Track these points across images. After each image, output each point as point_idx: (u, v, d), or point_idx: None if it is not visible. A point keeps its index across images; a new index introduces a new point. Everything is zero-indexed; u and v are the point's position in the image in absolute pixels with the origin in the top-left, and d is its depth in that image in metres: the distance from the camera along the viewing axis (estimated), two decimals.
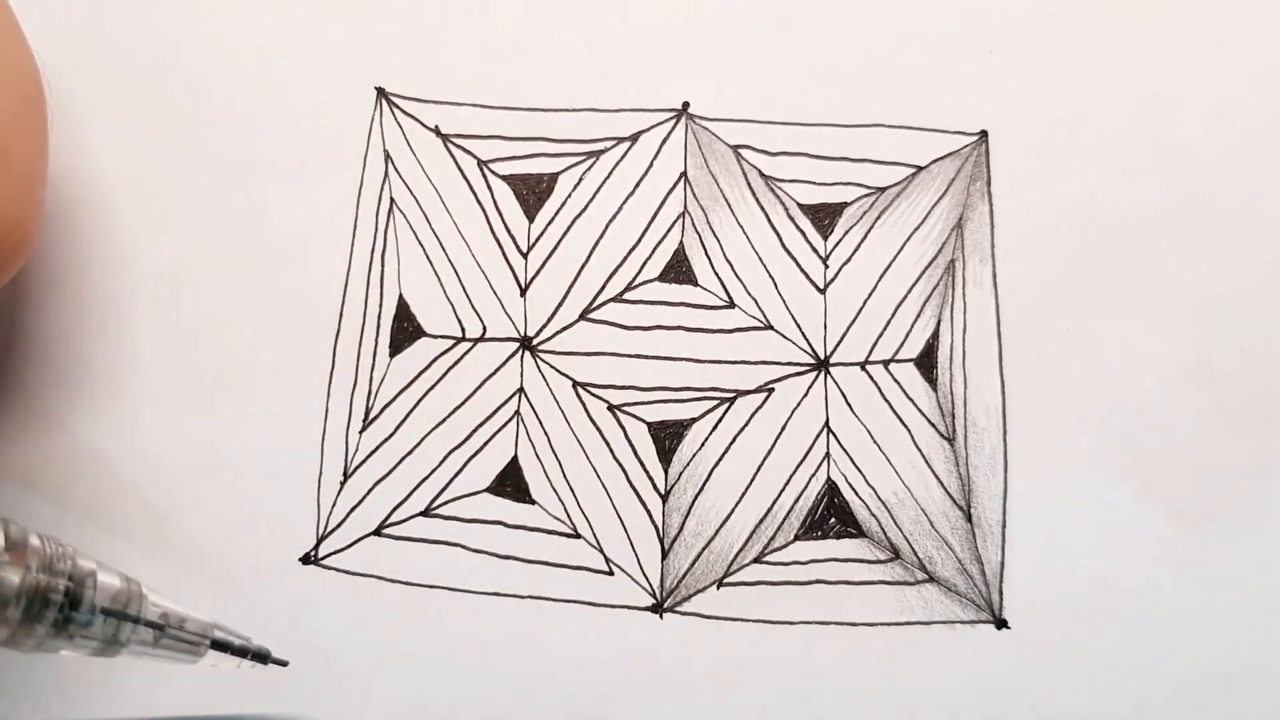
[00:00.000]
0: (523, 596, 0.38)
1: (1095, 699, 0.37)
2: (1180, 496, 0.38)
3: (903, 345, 0.40)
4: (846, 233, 0.40)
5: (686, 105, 0.41)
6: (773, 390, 0.39)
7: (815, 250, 0.40)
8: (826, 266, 0.40)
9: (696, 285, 0.40)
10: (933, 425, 0.39)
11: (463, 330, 0.40)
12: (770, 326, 0.40)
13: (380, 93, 0.42)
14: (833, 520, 0.39)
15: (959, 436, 0.39)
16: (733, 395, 0.39)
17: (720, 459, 0.39)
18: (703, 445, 0.39)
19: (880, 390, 0.39)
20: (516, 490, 0.39)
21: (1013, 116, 0.41)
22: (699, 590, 0.38)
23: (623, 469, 0.39)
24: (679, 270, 0.40)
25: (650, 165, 0.41)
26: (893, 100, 0.41)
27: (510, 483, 0.39)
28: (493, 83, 0.41)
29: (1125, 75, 0.41)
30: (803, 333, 0.40)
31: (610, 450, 0.39)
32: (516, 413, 0.39)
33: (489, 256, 0.41)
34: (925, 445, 0.39)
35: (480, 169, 0.41)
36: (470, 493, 0.39)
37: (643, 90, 0.41)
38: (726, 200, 0.41)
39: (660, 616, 0.38)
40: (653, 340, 0.40)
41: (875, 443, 0.39)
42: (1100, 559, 0.38)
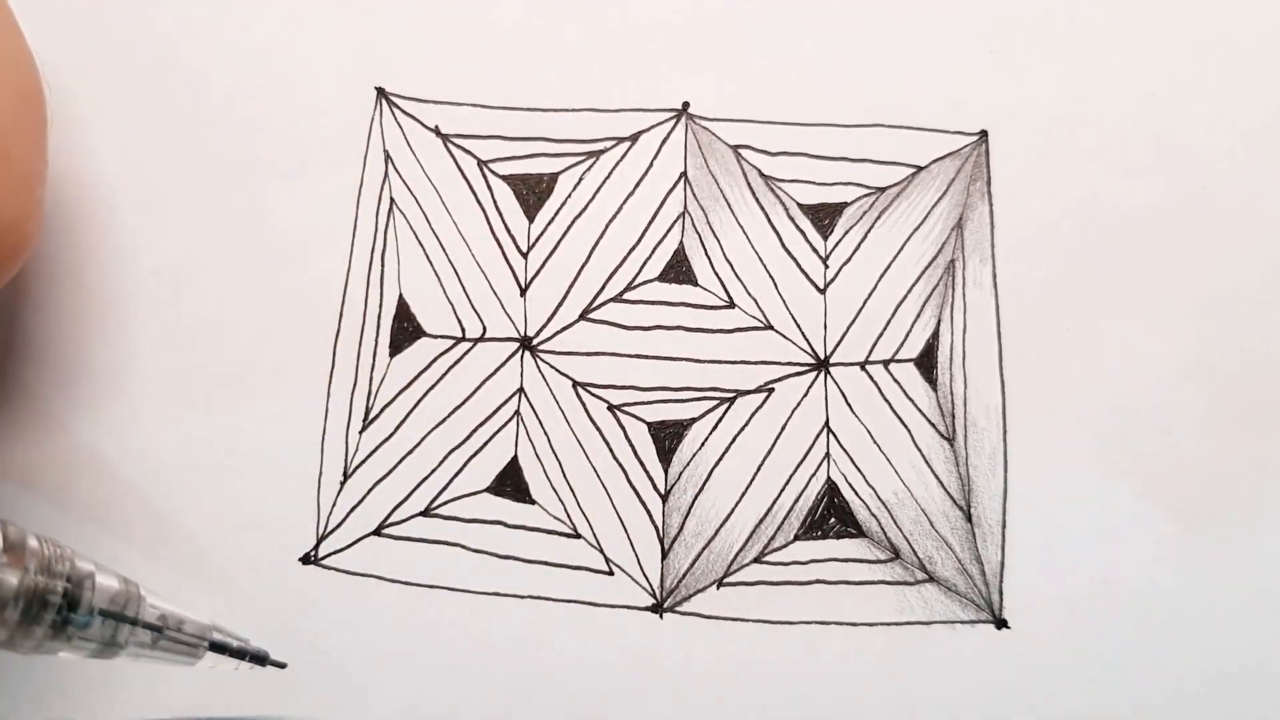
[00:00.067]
0: (523, 596, 0.38)
1: (1095, 699, 0.37)
2: (1180, 496, 0.38)
3: (903, 345, 0.40)
4: (846, 233, 0.40)
5: (686, 105, 0.41)
6: (773, 390, 0.39)
7: (815, 250, 0.40)
8: (826, 266, 0.40)
9: (696, 285, 0.40)
10: (933, 425, 0.39)
11: (463, 330, 0.40)
12: (770, 326, 0.40)
13: (380, 93, 0.42)
14: (833, 520, 0.39)
15: (959, 436, 0.39)
16: (733, 395, 0.39)
17: (720, 459, 0.39)
18: (703, 445, 0.39)
19: (880, 390, 0.39)
20: (516, 490, 0.39)
21: (1013, 116, 0.41)
22: (699, 590, 0.38)
23: (623, 469, 0.39)
24: (679, 270, 0.40)
25: (650, 165, 0.41)
26: (893, 100, 0.41)
27: (510, 483, 0.39)
28: (493, 83, 0.41)
29: (1125, 75, 0.41)
30: (803, 333, 0.40)
31: (610, 450, 0.39)
32: (516, 413, 0.39)
33: (489, 256, 0.41)
34: (925, 445, 0.39)
35: (480, 169, 0.41)
36: (470, 493, 0.39)
37: (643, 90, 0.41)
38: (726, 200, 0.41)
39: (660, 616, 0.38)
40: (653, 340, 0.40)
41: (875, 443, 0.39)
42: (1100, 559, 0.38)
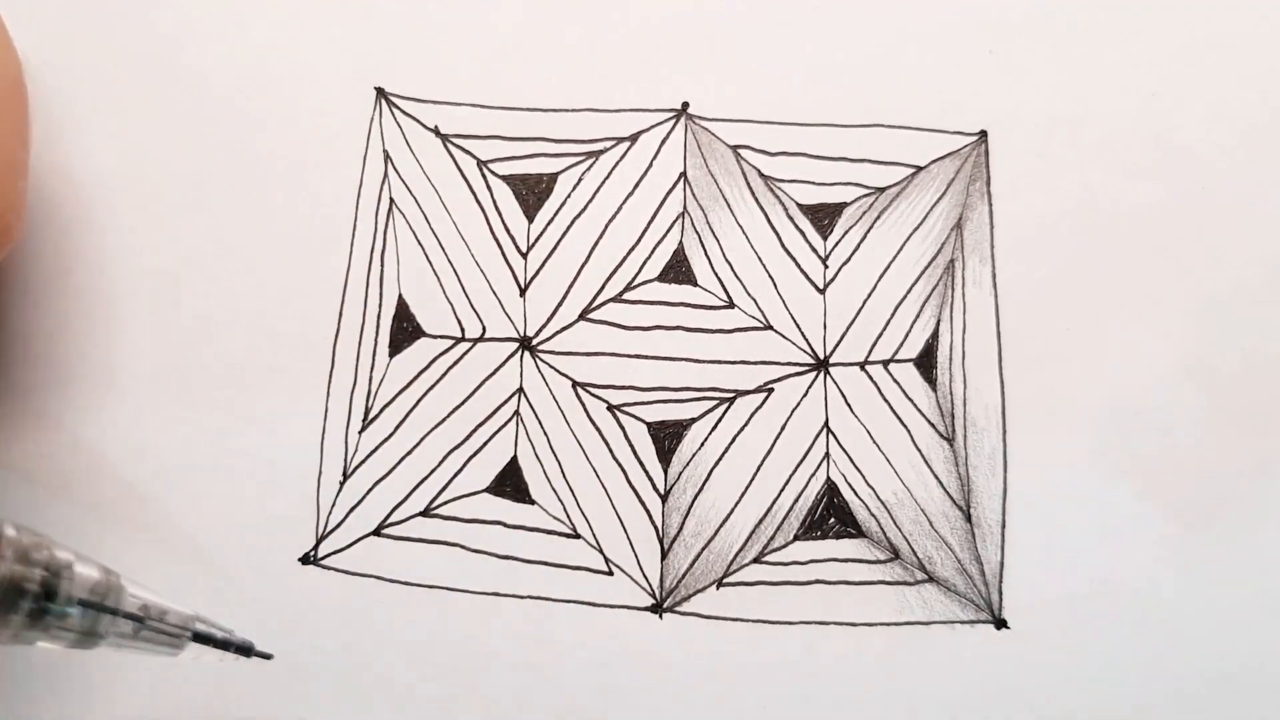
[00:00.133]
0: (522, 596, 0.38)
1: (1095, 699, 0.37)
2: (1180, 496, 0.38)
3: (902, 345, 0.40)
4: (846, 233, 0.40)
5: (686, 105, 0.41)
6: (772, 390, 0.39)
7: (815, 250, 0.40)
8: (826, 266, 0.40)
9: (696, 285, 0.40)
10: (932, 425, 0.39)
11: (462, 330, 0.40)
12: (770, 326, 0.40)
13: (380, 93, 0.42)
14: (832, 520, 0.38)
15: (959, 436, 0.39)
16: (732, 395, 0.39)
17: (720, 459, 0.39)
18: (702, 445, 0.39)
19: (880, 390, 0.39)
20: (516, 490, 0.39)
21: (1012, 116, 0.41)
22: (698, 590, 0.38)
23: (622, 469, 0.39)
24: (679, 270, 0.40)
25: (650, 165, 0.41)
26: (892, 100, 0.41)
27: (510, 483, 0.39)
28: (492, 83, 0.41)
29: (1125, 75, 0.41)
30: (802, 333, 0.40)
31: (610, 450, 0.39)
32: (516, 413, 0.39)
33: (488, 256, 0.41)
34: (925, 445, 0.39)
35: (480, 169, 0.41)
36: (470, 493, 0.39)
37: (642, 90, 0.41)
38: (726, 200, 0.41)
39: (660, 616, 0.38)
40: (652, 340, 0.40)
41: (875, 443, 0.39)
42: (1100, 559, 0.38)
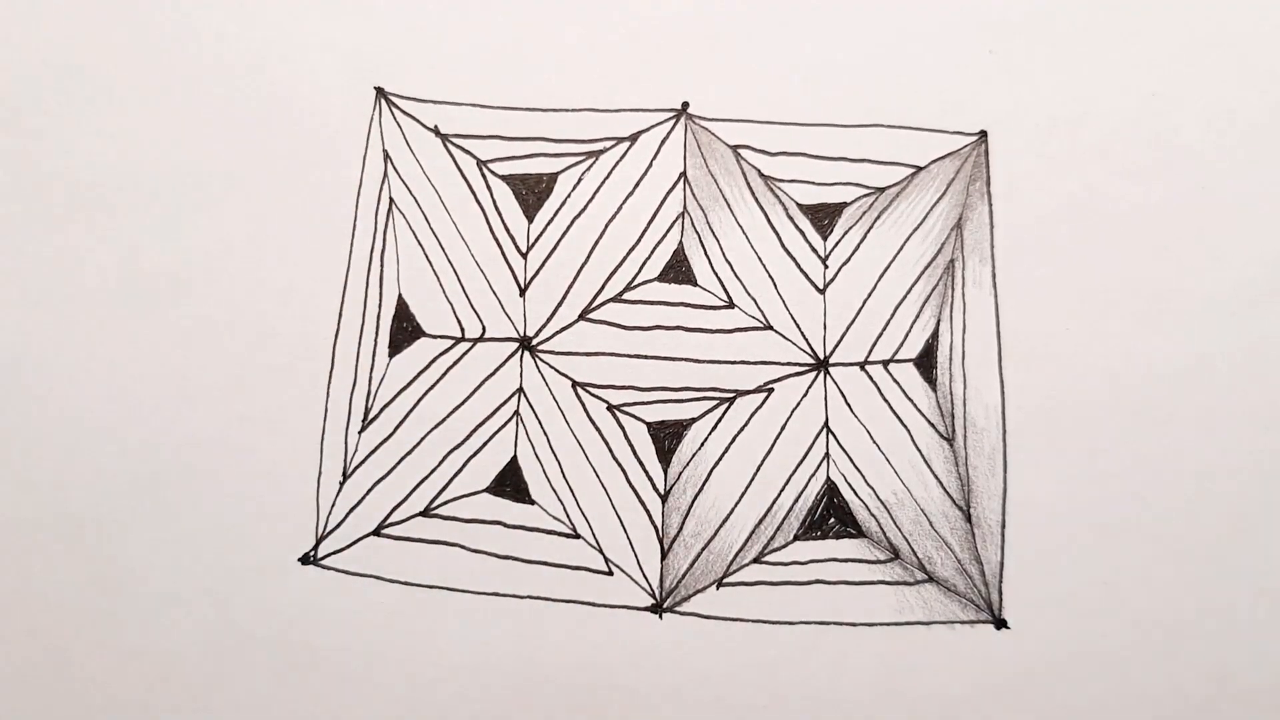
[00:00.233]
0: (523, 596, 0.38)
1: (1095, 699, 0.37)
2: (1181, 496, 0.38)
3: (902, 345, 0.40)
4: (846, 233, 0.40)
5: (686, 105, 0.41)
6: (772, 390, 0.39)
7: (815, 250, 0.40)
8: (826, 266, 0.40)
9: (696, 285, 0.40)
10: (932, 425, 0.39)
11: (462, 330, 0.40)
12: (770, 326, 0.40)
13: (380, 93, 0.42)
14: (832, 520, 0.38)
15: (958, 437, 0.39)
16: (732, 395, 0.39)
17: (720, 459, 0.39)
18: (702, 445, 0.39)
19: (880, 390, 0.39)
20: (516, 490, 0.39)
21: (1012, 116, 0.41)
22: (698, 590, 0.38)
23: (622, 469, 0.39)
24: (679, 270, 0.40)
25: (650, 165, 0.41)
26: (892, 100, 0.41)
27: (510, 483, 0.39)
28: (492, 83, 0.41)
29: (1125, 75, 0.41)
30: (802, 333, 0.40)
31: (610, 450, 0.39)
32: (516, 413, 0.39)
33: (488, 256, 0.41)
34: (925, 445, 0.39)
35: (480, 169, 0.41)
36: (470, 493, 0.39)
37: (643, 90, 0.41)
38: (726, 200, 0.41)
39: (660, 616, 0.38)
40: (652, 340, 0.40)
41: (875, 443, 0.39)
42: (1100, 559, 0.38)
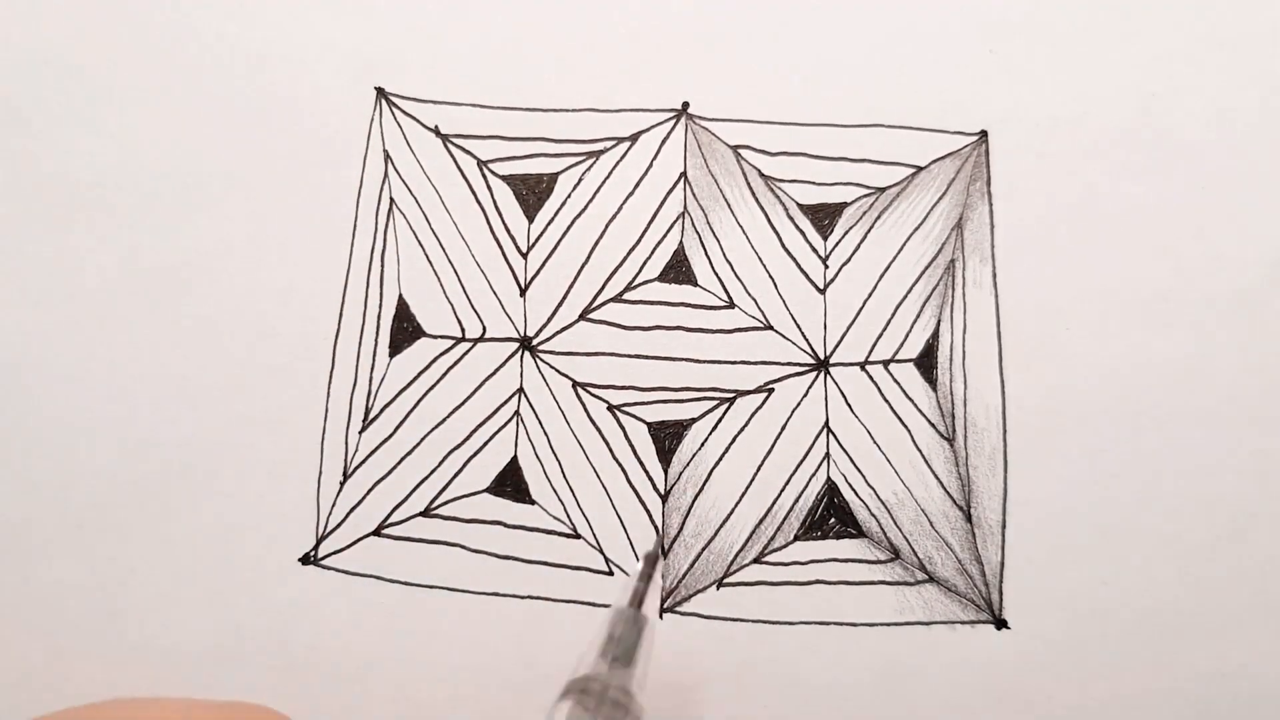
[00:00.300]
0: (523, 596, 0.38)
1: (1095, 699, 0.37)
2: (1181, 496, 0.38)
3: (902, 345, 0.40)
4: (846, 233, 0.40)
5: (686, 105, 0.41)
6: (773, 390, 0.39)
7: (815, 250, 0.40)
8: (826, 266, 0.40)
9: (696, 285, 0.40)
10: (932, 425, 0.39)
11: (462, 330, 0.40)
12: (770, 326, 0.40)
13: (380, 93, 0.41)
14: (832, 520, 0.38)
15: (959, 436, 0.39)
16: (733, 395, 0.39)
17: (720, 459, 0.39)
18: (703, 445, 0.39)
19: (880, 390, 0.39)
20: (516, 490, 0.39)
21: (1012, 116, 0.41)
22: (699, 590, 0.38)
23: (623, 469, 0.39)
24: (679, 270, 0.40)
25: (650, 165, 0.41)
26: (893, 100, 0.41)
27: (510, 483, 0.39)
28: (493, 83, 0.41)
29: (1125, 75, 0.41)
30: (803, 333, 0.40)
31: (610, 450, 0.39)
32: (516, 413, 0.39)
33: (489, 256, 0.41)
34: (925, 445, 0.39)
35: (480, 169, 0.41)
36: (470, 493, 0.39)
37: (643, 90, 0.41)
38: (726, 200, 0.41)
39: (660, 617, 0.38)
40: (653, 340, 0.40)
41: (875, 443, 0.39)
42: (1100, 559, 0.38)
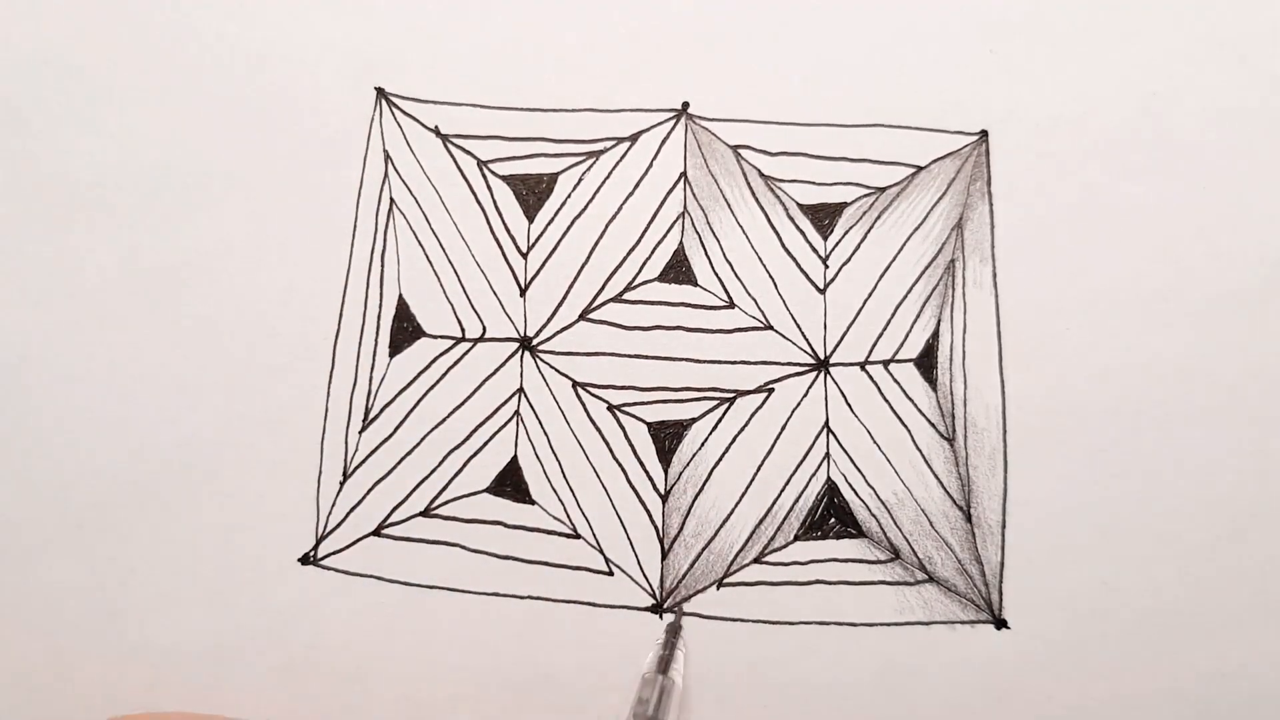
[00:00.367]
0: (523, 596, 0.38)
1: (1095, 699, 0.37)
2: (1181, 496, 0.38)
3: (903, 345, 0.40)
4: (846, 233, 0.40)
5: (686, 105, 0.41)
6: (773, 390, 0.39)
7: (815, 250, 0.40)
8: (826, 266, 0.40)
9: (696, 285, 0.40)
10: (932, 425, 0.39)
11: (462, 330, 0.40)
12: (770, 326, 0.40)
13: (380, 93, 0.41)
14: (832, 520, 0.38)
15: (959, 436, 0.39)
16: (733, 395, 0.39)
17: (720, 459, 0.39)
18: (703, 445, 0.39)
19: (880, 390, 0.39)
20: (516, 490, 0.39)
21: (1012, 116, 0.41)
22: (699, 590, 0.38)
23: (623, 469, 0.39)
24: (679, 270, 0.40)
25: (650, 165, 0.41)
26: (893, 100, 0.41)
27: (510, 483, 0.39)
28: (493, 83, 0.41)
29: (1125, 75, 0.41)
30: (803, 333, 0.40)
31: (610, 450, 0.39)
32: (516, 413, 0.39)
33: (489, 256, 0.41)
34: (925, 445, 0.39)
35: (480, 169, 0.41)
36: (470, 493, 0.39)
37: (643, 90, 0.41)
38: (726, 200, 0.41)
39: (660, 616, 0.38)
40: (653, 340, 0.40)
41: (875, 443, 0.39)
42: (1100, 559, 0.38)
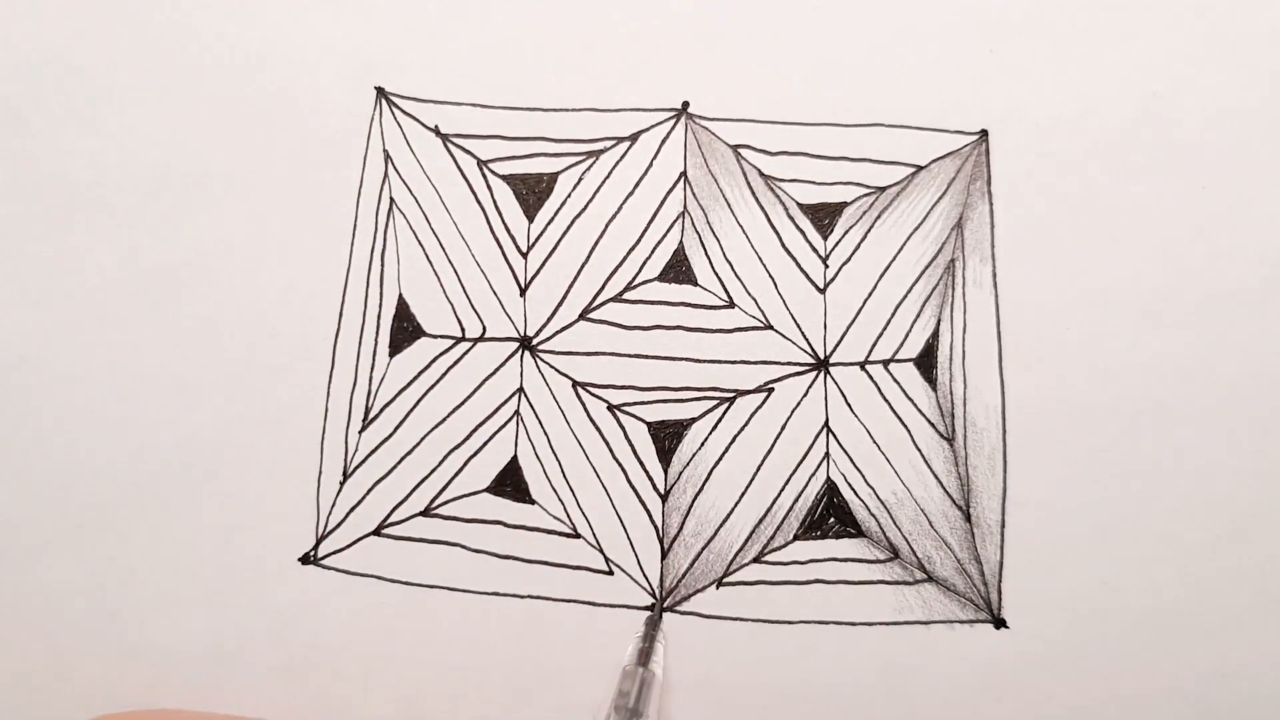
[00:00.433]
0: (523, 596, 0.38)
1: (1095, 699, 0.37)
2: (1181, 496, 0.38)
3: (902, 345, 0.40)
4: (846, 232, 0.40)
5: (686, 105, 0.41)
6: (772, 390, 0.39)
7: (815, 250, 0.40)
8: (826, 266, 0.40)
9: (696, 285, 0.40)
10: (932, 425, 0.39)
11: (462, 330, 0.40)
12: (770, 326, 0.40)
13: (380, 93, 0.42)
14: (832, 520, 0.38)
15: (958, 436, 0.39)
16: (733, 395, 0.39)
17: (720, 459, 0.39)
18: (702, 445, 0.39)
19: (880, 390, 0.39)
20: (516, 490, 0.39)
21: (1012, 116, 0.41)
22: (698, 590, 0.38)
23: (622, 469, 0.39)
24: (679, 270, 0.40)
25: (650, 165, 0.41)
26: (893, 100, 0.41)
27: (510, 483, 0.39)
28: (493, 83, 0.41)
29: (1125, 75, 0.41)
30: (803, 333, 0.40)
31: (610, 450, 0.39)
32: (516, 413, 0.39)
33: (489, 256, 0.41)
34: (925, 445, 0.39)
35: (480, 169, 0.41)
36: (470, 493, 0.39)
37: (643, 90, 0.41)
38: (726, 200, 0.41)
39: (659, 616, 0.38)
40: (653, 340, 0.40)
41: (875, 443, 0.39)
42: (1100, 559, 0.38)
